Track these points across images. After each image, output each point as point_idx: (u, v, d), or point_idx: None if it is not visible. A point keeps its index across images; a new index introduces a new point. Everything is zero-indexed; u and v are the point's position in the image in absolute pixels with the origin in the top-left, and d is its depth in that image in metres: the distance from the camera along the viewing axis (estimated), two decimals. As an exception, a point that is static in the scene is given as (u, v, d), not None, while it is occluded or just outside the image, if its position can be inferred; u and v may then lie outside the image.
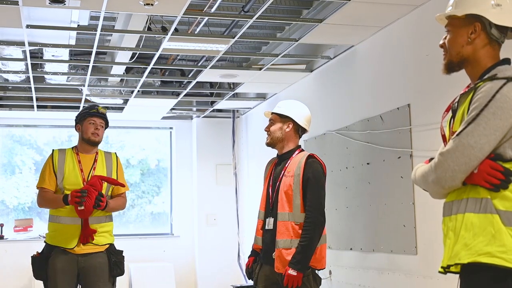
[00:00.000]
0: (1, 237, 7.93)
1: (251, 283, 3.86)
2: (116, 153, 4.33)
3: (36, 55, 5.83)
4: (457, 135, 2.00)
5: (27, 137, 8.58)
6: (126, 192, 4.32)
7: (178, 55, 6.28)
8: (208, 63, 5.94)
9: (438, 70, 2.26)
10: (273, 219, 3.55)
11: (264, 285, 3.57)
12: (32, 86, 6.57)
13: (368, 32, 4.93)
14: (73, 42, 5.30)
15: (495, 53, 2.12)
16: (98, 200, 3.91)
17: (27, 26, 4.65)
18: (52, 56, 5.61)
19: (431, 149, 3.99)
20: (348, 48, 5.40)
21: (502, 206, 1.93)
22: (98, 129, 4.15)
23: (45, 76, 6.38)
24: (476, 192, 1.98)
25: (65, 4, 4.10)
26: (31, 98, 7.20)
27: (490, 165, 1.95)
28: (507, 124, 1.95)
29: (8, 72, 6.11)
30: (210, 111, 8.39)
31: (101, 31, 4.82)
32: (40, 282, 4.09)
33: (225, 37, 5.08)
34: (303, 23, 5.01)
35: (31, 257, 4.06)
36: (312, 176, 3.47)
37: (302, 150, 3.68)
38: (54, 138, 8.62)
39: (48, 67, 5.99)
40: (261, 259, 3.65)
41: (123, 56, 5.71)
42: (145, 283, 7.91)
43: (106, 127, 4.28)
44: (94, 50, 5.31)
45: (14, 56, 5.53)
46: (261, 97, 7.63)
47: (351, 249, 5.21)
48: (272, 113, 3.73)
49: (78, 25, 4.86)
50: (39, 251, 4.07)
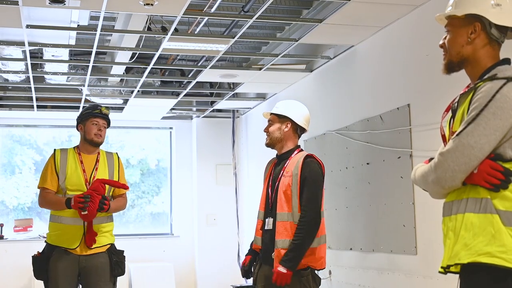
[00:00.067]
0: (1, 237, 7.93)
1: (251, 283, 3.85)
2: (118, 153, 4.33)
3: (36, 55, 5.82)
4: (457, 135, 2.00)
5: (27, 137, 8.58)
6: (126, 192, 4.32)
7: (178, 55, 6.28)
8: (208, 63, 5.94)
9: (438, 70, 2.26)
10: (272, 219, 3.55)
11: (263, 285, 3.58)
12: (32, 86, 6.57)
13: (368, 32, 4.93)
14: (73, 42, 5.30)
15: (495, 53, 2.12)
16: (102, 204, 3.90)
17: (27, 26, 4.65)
18: (52, 56, 5.61)
19: (431, 149, 3.99)
20: (348, 48, 5.40)
21: (502, 206, 1.93)
22: (101, 130, 4.14)
23: (45, 76, 6.38)
24: (476, 192, 1.98)
25: (65, 4, 4.10)
26: (31, 98, 7.20)
27: (490, 165, 1.95)
28: (507, 124, 1.95)
29: (8, 72, 6.11)
30: (210, 111, 8.39)
31: (101, 31, 4.82)
32: (40, 282, 4.08)
33: (225, 37, 5.08)
34: (303, 23, 5.01)
35: (32, 257, 4.04)
36: (309, 176, 3.46)
37: (302, 150, 3.68)
38: (54, 138, 8.62)
39: (48, 67, 5.99)
40: (261, 259, 3.66)
41: (123, 56, 5.71)
42: (145, 283, 7.91)
43: (108, 127, 4.28)
44: (94, 50, 5.31)
45: (14, 56, 5.53)
46: (261, 97, 7.63)
47: (351, 249, 5.21)
48: (271, 114, 3.73)
49: (78, 25, 4.87)
50: (40, 251, 4.07)
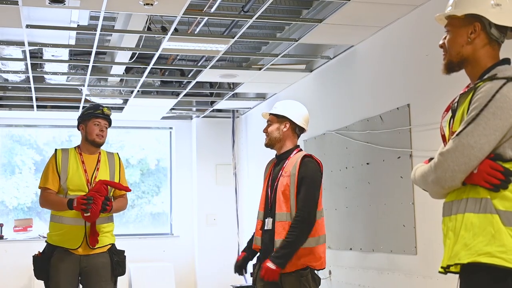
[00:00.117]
0: (1, 237, 7.93)
1: (251, 283, 3.85)
2: (118, 154, 4.32)
3: (36, 55, 5.82)
4: (457, 135, 2.00)
5: (27, 137, 8.58)
6: (127, 193, 4.31)
7: (178, 55, 6.28)
8: (208, 63, 5.94)
9: (438, 70, 2.26)
10: (272, 220, 3.56)
11: (263, 285, 3.58)
12: (32, 86, 6.57)
13: (368, 32, 4.93)
14: (73, 42, 5.30)
15: (495, 53, 2.12)
16: (105, 205, 3.90)
17: (27, 26, 4.65)
18: (52, 56, 5.61)
19: (431, 149, 3.99)
20: (348, 48, 5.40)
21: (502, 206, 1.93)
22: (103, 131, 4.13)
23: (45, 76, 6.38)
24: (476, 192, 1.98)
25: (65, 4, 4.10)
26: (31, 98, 7.20)
27: (490, 165, 1.95)
28: (507, 124, 1.95)
29: (8, 72, 6.11)
30: (210, 111, 8.39)
31: (101, 31, 4.82)
32: (40, 282, 4.08)
33: (225, 37, 5.08)
34: (303, 23, 5.01)
35: (33, 257, 4.04)
36: (306, 176, 3.47)
37: (301, 150, 3.68)
38: (54, 138, 8.62)
39: (48, 67, 5.99)
40: (260, 259, 3.66)
41: (123, 56, 5.71)
42: (145, 283, 7.91)
43: (109, 127, 4.28)
44: (94, 50, 5.31)
45: (14, 56, 5.53)
46: (261, 97, 7.63)
47: (351, 249, 5.21)
48: (270, 114, 3.74)
49: (78, 25, 4.87)
50: (41, 251, 4.06)
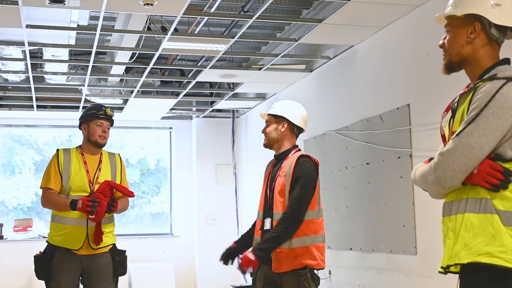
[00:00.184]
0: (1, 237, 7.92)
1: (250, 283, 3.86)
2: (120, 154, 4.32)
3: (36, 55, 5.82)
4: (457, 135, 2.00)
5: (27, 137, 8.57)
6: None
7: (178, 55, 6.28)
8: (208, 63, 5.94)
9: (438, 70, 2.26)
10: (270, 219, 3.57)
11: (262, 284, 3.60)
12: (32, 86, 6.57)
13: (368, 32, 4.93)
14: (73, 42, 5.30)
15: (495, 53, 2.12)
16: (111, 206, 3.90)
17: (27, 26, 4.65)
18: (52, 56, 5.61)
19: (431, 149, 3.99)
20: (348, 48, 5.40)
21: (502, 206, 1.93)
22: (106, 132, 4.13)
23: (45, 76, 6.38)
24: (476, 192, 1.98)
25: (65, 4, 4.10)
26: (31, 98, 7.20)
27: (490, 165, 1.95)
28: (507, 124, 1.94)
29: (8, 72, 6.11)
30: (210, 111, 8.39)
31: (101, 31, 4.82)
32: (40, 282, 4.08)
33: (225, 37, 5.08)
34: (303, 23, 5.01)
35: (34, 257, 4.03)
36: (300, 175, 3.47)
37: (299, 150, 3.68)
38: (54, 138, 8.61)
39: (48, 67, 5.99)
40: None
41: (123, 56, 5.71)
42: (145, 283, 7.91)
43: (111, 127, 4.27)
44: (94, 50, 5.31)
45: (14, 56, 5.53)
46: (261, 97, 7.63)
47: (351, 249, 5.21)
48: (268, 115, 3.75)
49: (78, 25, 4.87)
50: (42, 251, 4.05)
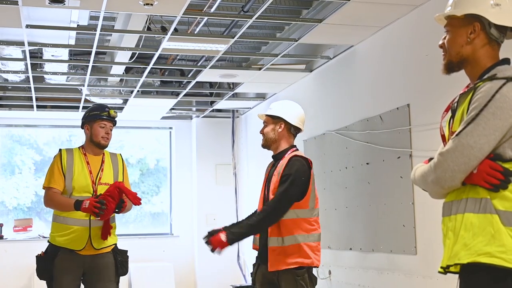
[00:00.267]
0: (1, 237, 7.93)
1: (250, 283, 3.87)
2: (121, 155, 4.31)
3: (36, 55, 5.82)
4: (457, 135, 2.00)
5: (27, 137, 8.57)
6: None
7: (178, 55, 6.28)
8: (208, 63, 5.94)
9: (438, 70, 2.26)
10: None
11: (261, 284, 3.62)
12: (32, 86, 6.57)
13: (368, 32, 4.93)
14: (73, 42, 5.30)
15: (495, 53, 2.12)
16: (120, 207, 3.89)
17: (27, 26, 4.65)
18: (52, 56, 5.61)
19: (431, 149, 3.99)
20: (348, 48, 5.40)
21: (502, 206, 1.93)
22: (109, 133, 4.12)
23: (45, 76, 6.38)
24: (476, 192, 1.98)
25: (65, 4, 4.10)
26: (31, 98, 7.20)
27: (490, 165, 1.95)
28: (507, 124, 1.94)
29: (8, 72, 6.11)
30: (210, 111, 8.39)
31: (101, 31, 4.82)
32: (40, 282, 4.08)
33: (225, 37, 5.08)
34: (303, 23, 5.01)
35: (36, 257, 4.03)
36: (288, 173, 3.49)
37: (297, 150, 3.68)
38: (54, 138, 8.61)
39: (48, 67, 5.99)
40: (258, 259, 3.69)
41: (123, 56, 5.71)
42: (145, 283, 7.91)
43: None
44: (94, 50, 5.31)
45: (14, 56, 5.53)
46: (261, 97, 7.63)
47: (351, 249, 5.21)
48: (265, 115, 3.75)
49: (78, 25, 4.87)
50: (44, 251, 4.04)
